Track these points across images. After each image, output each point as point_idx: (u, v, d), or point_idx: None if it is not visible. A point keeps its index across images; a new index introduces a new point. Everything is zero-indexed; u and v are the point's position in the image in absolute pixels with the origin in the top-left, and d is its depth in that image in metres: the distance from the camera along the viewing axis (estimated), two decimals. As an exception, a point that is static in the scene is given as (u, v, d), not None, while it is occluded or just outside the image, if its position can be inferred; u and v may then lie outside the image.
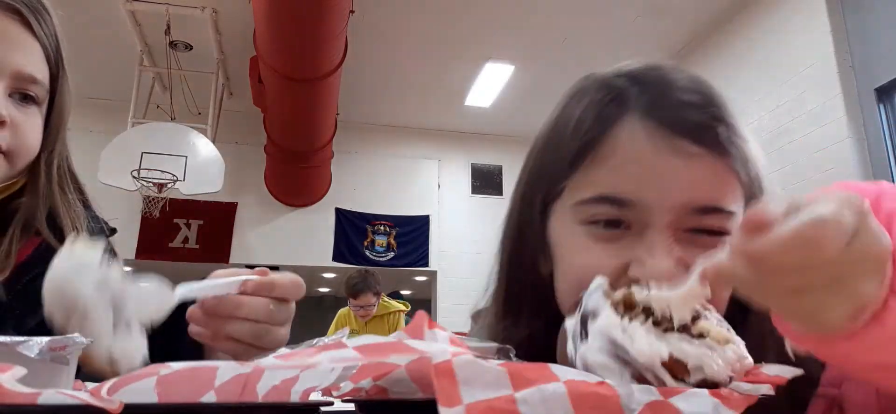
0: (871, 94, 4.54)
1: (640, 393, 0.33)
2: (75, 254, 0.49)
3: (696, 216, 0.52)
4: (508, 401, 0.31)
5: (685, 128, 0.53)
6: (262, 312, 0.59)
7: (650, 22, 5.90)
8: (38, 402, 0.28)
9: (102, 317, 0.49)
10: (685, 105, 0.54)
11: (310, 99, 5.73)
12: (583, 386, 0.33)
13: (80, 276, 0.48)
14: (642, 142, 0.54)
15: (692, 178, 0.52)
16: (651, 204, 0.52)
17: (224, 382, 0.35)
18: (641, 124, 0.54)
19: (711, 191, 0.53)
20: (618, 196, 0.53)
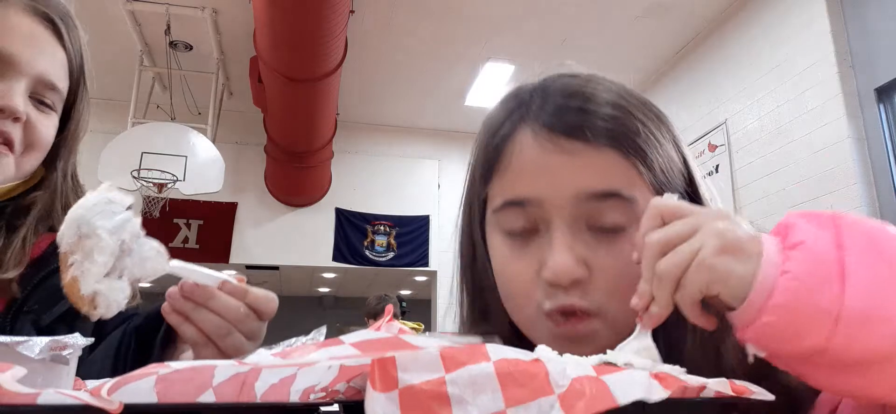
0: (871, 94, 4.54)
1: (573, 368, 0.33)
2: (105, 194, 0.56)
3: (593, 204, 0.55)
4: (439, 383, 0.32)
5: (566, 127, 0.57)
6: (232, 312, 0.61)
7: (650, 22, 5.90)
8: (38, 402, 0.28)
9: (105, 257, 0.53)
10: (567, 108, 0.59)
11: (310, 99, 5.73)
12: (513, 364, 0.33)
13: (102, 214, 0.54)
14: (531, 145, 0.58)
15: (579, 169, 0.56)
16: (545, 200, 0.56)
17: (222, 381, 0.35)
18: (531, 130, 0.59)
19: (602, 178, 0.56)
20: (517, 198, 0.58)
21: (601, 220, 0.56)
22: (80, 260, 0.53)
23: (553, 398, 0.32)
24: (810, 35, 4.86)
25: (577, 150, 0.56)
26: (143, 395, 0.33)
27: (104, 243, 0.54)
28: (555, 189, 0.56)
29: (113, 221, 0.55)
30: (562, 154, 0.57)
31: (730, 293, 0.41)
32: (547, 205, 0.56)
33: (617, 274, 0.55)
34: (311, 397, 0.39)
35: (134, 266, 0.56)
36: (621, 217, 0.55)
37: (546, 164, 0.57)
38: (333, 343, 0.36)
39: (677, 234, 0.44)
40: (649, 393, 0.32)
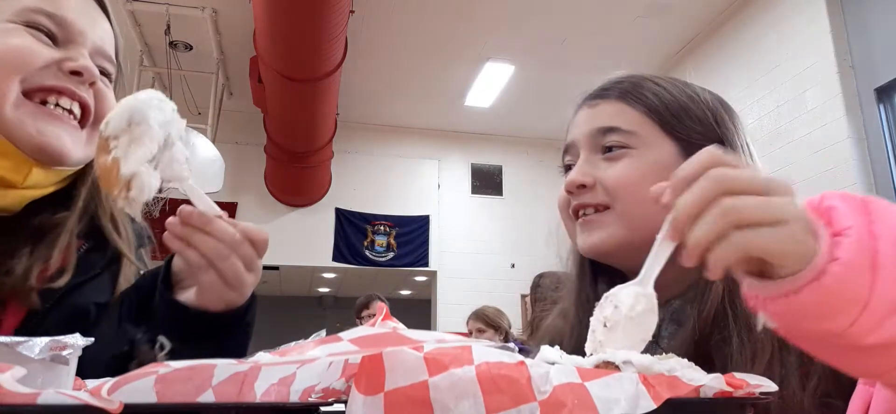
0: (871, 94, 4.54)
1: (557, 374, 0.33)
2: (156, 93, 0.59)
3: (600, 136, 0.79)
4: (422, 386, 0.32)
5: (597, 93, 0.84)
6: (228, 235, 0.63)
7: (650, 22, 5.90)
8: (38, 402, 0.28)
9: (153, 145, 0.57)
10: (602, 87, 0.84)
11: (310, 99, 5.73)
12: (495, 368, 0.33)
13: (154, 107, 0.58)
14: (579, 112, 0.85)
15: (595, 115, 0.81)
16: (577, 140, 0.82)
17: (222, 381, 0.35)
18: (580, 106, 0.86)
19: (608, 119, 0.79)
20: (566, 144, 0.85)
21: (604, 144, 0.78)
22: (126, 143, 0.56)
23: (534, 405, 0.31)
24: (810, 35, 4.86)
25: (597, 104, 0.82)
26: (143, 394, 0.33)
27: (154, 132, 0.57)
28: (580, 131, 0.82)
29: (164, 115, 0.58)
30: (589, 109, 0.83)
31: (788, 264, 0.41)
32: (577, 143, 0.82)
33: (612, 179, 0.76)
34: (312, 397, 0.39)
35: (166, 164, 0.59)
36: (619, 143, 0.77)
37: (580, 118, 0.84)
38: (333, 340, 0.35)
39: (748, 183, 0.43)
40: (635, 404, 0.32)
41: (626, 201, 0.75)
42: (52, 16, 0.70)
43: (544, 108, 7.59)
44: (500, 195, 8.55)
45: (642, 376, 0.33)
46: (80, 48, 0.72)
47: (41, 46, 0.69)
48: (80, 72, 0.70)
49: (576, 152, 0.82)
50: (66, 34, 0.71)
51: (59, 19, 0.71)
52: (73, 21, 0.72)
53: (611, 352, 0.41)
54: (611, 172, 0.77)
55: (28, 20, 0.69)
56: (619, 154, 0.77)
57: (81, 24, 0.73)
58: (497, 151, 8.58)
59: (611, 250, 0.77)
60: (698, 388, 0.34)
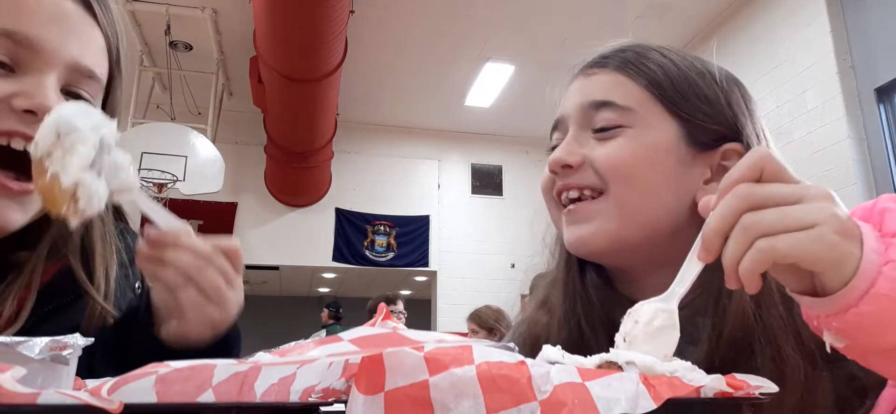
0: (871, 94, 4.54)
1: (557, 374, 0.33)
2: (81, 104, 0.56)
3: (591, 111, 0.70)
4: (422, 386, 0.32)
5: (594, 61, 0.74)
6: (201, 247, 0.60)
7: (650, 22, 5.90)
8: (38, 402, 0.28)
9: (88, 148, 0.52)
10: (602, 54, 0.75)
11: (310, 99, 5.73)
12: (495, 368, 0.33)
13: (80, 114, 0.53)
14: (572, 84, 0.76)
15: (588, 87, 0.72)
16: (566, 114, 0.73)
17: (222, 380, 0.35)
18: (574, 77, 0.76)
19: (603, 92, 0.70)
20: (555, 120, 0.76)
21: (597, 122, 0.69)
22: (60, 156, 0.51)
23: (534, 405, 0.31)
24: (810, 35, 4.86)
25: (594, 74, 0.72)
26: (143, 394, 0.33)
27: (85, 135, 0.52)
28: (570, 105, 0.72)
29: (91, 119, 0.54)
30: (582, 78, 0.73)
31: (837, 276, 0.40)
32: (567, 118, 0.72)
33: (604, 160, 0.67)
34: (312, 397, 0.39)
35: (110, 172, 0.54)
36: (613, 120, 0.68)
37: (570, 90, 0.74)
38: (333, 340, 0.35)
39: (781, 196, 0.42)
40: (635, 404, 0.31)
41: (622, 187, 0.65)
42: (12, 35, 0.58)
43: (544, 108, 7.55)
44: (500, 195, 8.55)
45: (643, 376, 0.33)
46: (44, 74, 0.60)
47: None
48: (34, 111, 0.58)
49: (565, 128, 0.72)
50: (29, 56, 0.59)
51: (21, 37, 0.58)
52: (37, 38, 0.59)
53: (613, 352, 0.41)
54: (602, 152, 0.67)
55: None
56: (613, 133, 0.67)
57: (51, 39, 0.60)
58: (497, 151, 8.58)
59: (602, 249, 0.68)
60: (699, 388, 0.34)
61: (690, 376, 0.35)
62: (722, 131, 0.68)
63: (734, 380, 0.35)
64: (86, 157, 0.52)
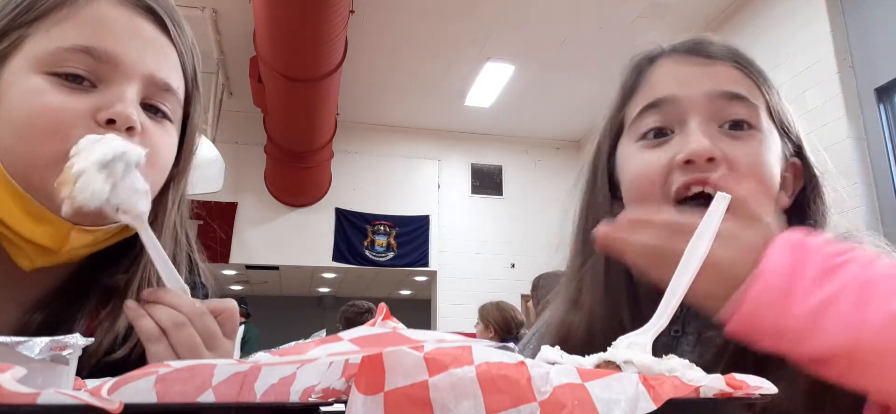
0: (871, 94, 4.54)
1: (557, 375, 0.33)
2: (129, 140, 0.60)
3: (723, 102, 0.64)
4: (422, 386, 0.32)
5: (698, 48, 0.68)
6: (187, 304, 0.58)
7: (650, 22, 5.89)
8: (38, 402, 0.28)
9: (107, 150, 0.56)
10: (704, 41, 0.70)
11: (310, 99, 5.73)
12: (495, 368, 0.33)
13: (119, 138, 0.58)
14: (668, 62, 0.69)
15: (711, 75, 0.66)
16: (681, 98, 0.65)
17: (222, 380, 0.35)
18: (670, 57, 0.70)
19: (731, 83, 0.65)
20: (655, 99, 0.67)
21: (731, 115, 0.64)
22: (85, 153, 0.55)
23: (534, 406, 0.31)
24: (810, 35, 4.86)
25: (707, 63, 0.67)
26: (143, 394, 0.33)
27: (109, 139, 0.56)
28: (690, 89, 0.65)
29: (125, 142, 0.58)
30: (695, 65, 0.67)
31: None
32: (682, 103, 0.65)
33: (746, 162, 0.62)
34: (312, 397, 0.39)
35: (123, 186, 0.56)
36: (747, 117, 0.64)
37: (681, 72, 0.68)
38: (333, 340, 0.35)
39: None
40: (635, 405, 0.31)
41: (747, 189, 0.58)
42: (92, 50, 0.60)
43: (544, 108, 7.60)
44: (500, 195, 8.56)
45: (642, 377, 0.33)
46: (123, 86, 0.61)
47: (73, 99, 0.59)
48: (115, 120, 0.60)
49: (675, 114, 0.65)
50: (108, 70, 0.61)
51: (100, 53, 0.60)
52: (116, 52, 0.61)
53: (611, 352, 0.41)
54: (742, 153, 0.62)
55: (61, 67, 0.59)
56: (748, 133, 0.63)
57: (128, 53, 0.62)
58: (497, 151, 8.59)
59: None
60: (698, 388, 0.34)
61: (690, 376, 0.35)
62: (793, 146, 0.71)
63: (733, 380, 0.35)
64: (102, 156, 0.55)
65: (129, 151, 0.57)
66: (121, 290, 0.66)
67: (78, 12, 0.61)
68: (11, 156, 0.59)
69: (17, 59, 0.60)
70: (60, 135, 0.58)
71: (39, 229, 0.59)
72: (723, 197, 0.54)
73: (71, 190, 0.54)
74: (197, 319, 0.58)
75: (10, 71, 0.60)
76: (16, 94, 0.59)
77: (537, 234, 8.08)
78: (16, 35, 0.61)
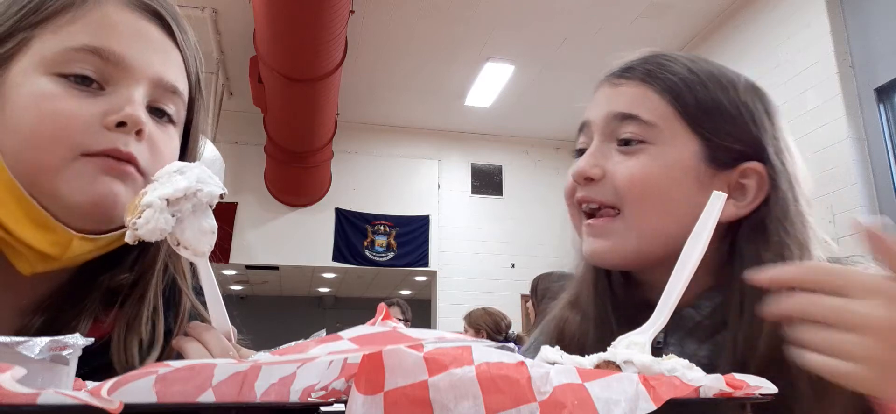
0: (871, 94, 4.54)
1: (557, 375, 0.33)
2: (216, 159, 0.59)
3: (616, 123, 0.70)
4: (422, 386, 0.32)
5: (620, 71, 0.74)
6: (215, 351, 0.59)
7: (650, 22, 5.90)
8: (38, 402, 0.28)
9: (180, 187, 0.57)
10: (633, 63, 0.75)
11: (310, 99, 5.73)
12: (495, 368, 0.33)
13: (204, 171, 0.59)
14: (599, 89, 0.76)
15: (614, 97, 0.72)
16: (591, 121, 0.74)
17: (222, 380, 0.35)
18: (602, 82, 0.77)
19: (628, 104, 0.70)
20: (581, 123, 0.76)
21: (620, 134, 0.69)
22: (162, 178, 0.57)
23: (534, 406, 0.31)
24: (810, 35, 4.86)
25: (620, 84, 0.73)
26: (143, 394, 0.33)
27: (184, 178, 0.57)
28: (597, 112, 0.73)
29: (205, 177, 0.59)
30: (609, 87, 0.74)
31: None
32: (592, 125, 0.73)
33: (625, 177, 0.67)
34: (312, 396, 0.39)
35: (189, 224, 0.57)
36: (637, 134, 0.68)
37: (597, 96, 0.75)
38: (332, 339, 0.35)
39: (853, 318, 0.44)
40: (635, 405, 0.31)
41: (637, 207, 0.66)
42: (100, 51, 0.60)
43: (544, 108, 7.59)
44: (500, 195, 8.55)
45: (642, 377, 0.33)
46: (131, 88, 0.61)
47: (81, 102, 0.59)
48: (125, 122, 0.60)
49: (590, 134, 0.73)
50: (117, 72, 0.61)
51: (108, 54, 0.60)
52: (124, 54, 0.61)
53: (611, 351, 0.41)
54: (623, 169, 0.67)
55: (69, 68, 0.59)
56: (635, 149, 0.68)
57: (135, 55, 0.62)
58: (497, 151, 8.58)
59: (617, 263, 0.70)
60: (698, 388, 0.34)
61: (690, 375, 0.36)
62: (742, 149, 0.69)
63: (733, 380, 0.35)
64: (170, 190, 0.56)
65: (203, 190, 0.57)
66: (126, 290, 0.66)
67: (85, 14, 0.61)
68: (18, 160, 0.58)
69: (23, 60, 0.60)
70: (69, 140, 0.58)
71: (42, 236, 0.58)
72: (719, 196, 0.53)
73: (134, 220, 0.55)
74: None
75: (17, 72, 0.60)
76: (24, 97, 0.58)
77: (537, 234, 8.08)
78: (22, 36, 0.60)
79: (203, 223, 0.58)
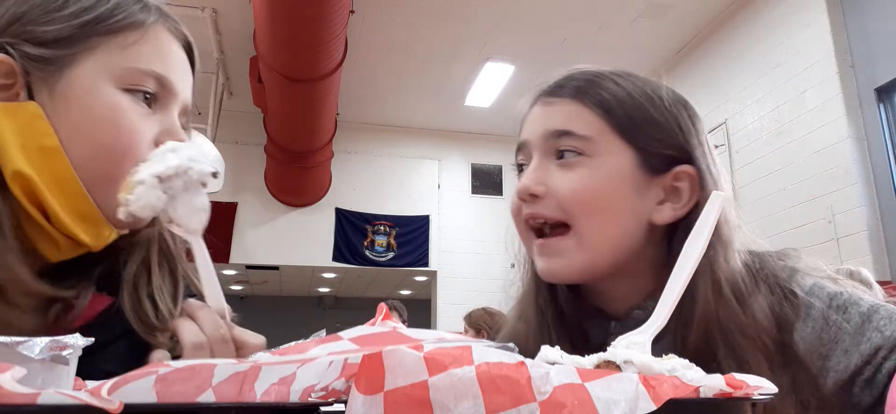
0: (871, 94, 4.54)
1: (557, 375, 0.33)
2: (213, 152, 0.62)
3: (554, 139, 0.73)
4: (422, 387, 0.32)
5: (552, 89, 0.77)
6: (209, 328, 0.59)
7: (649, 22, 5.90)
8: (38, 402, 0.28)
9: (171, 164, 0.59)
10: (562, 78, 0.78)
11: (310, 99, 5.73)
12: (495, 368, 0.33)
13: (196, 150, 0.62)
14: (532, 110, 0.78)
15: (550, 116, 0.74)
16: (529, 140, 0.76)
17: (222, 380, 0.35)
18: (535, 103, 0.79)
19: (563, 121, 0.73)
20: (518, 143, 0.78)
21: (559, 148, 0.72)
22: (155, 157, 0.59)
23: (534, 406, 0.31)
24: (810, 35, 4.86)
25: (553, 103, 0.75)
26: (143, 394, 0.33)
27: (181, 151, 0.60)
28: (532, 131, 0.76)
29: (197, 151, 0.62)
30: (543, 106, 0.76)
31: None
32: (529, 144, 0.76)
33: (567, 190, 0.70)
34: (312, 396, 0.39)
35: (182, 202, 0.59)
36: (575, 148, 0.71)
37: (531, 116, 0.77)
38: (332, 339, 0.35)
39: None
40: (635, 405, 0.31)
41: (586, 220, 0.69)
42: (160, 78, 0.66)
43: (544, 108, 7.58)
44: (501, 195, 8.55)
45: (642, 377, 0.33)
46: (173, 111, 0.68)
47: (145, 121, 0.65)
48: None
49: (528, 153, 0.76)
50: (165, 95, 0.67)
51: (165, 80, 0.67)
52: (174, 82, 0.68)
53: (611, 351, 0.41)
54: (565, 183, 0.70)
55: (137, 87, 0.65)
56: (573, 161, 0.71)
57: (179, 83, 0.69)
58: (497, 151, 8.58)
59: (571, 278, 0.72)
60: (698, 388, 0.34)
61: (689, 375, 0.35)
62: (673, 155, 0.72)
63: (733, 380, 0.35)
64: (160, 169, 0.58)
65: (194, 168, 0.60)
66: (125, 263, 0.69)
67: (149, 38, 0.67)
68: (85, 162, 0.61)
69: (89, 66, 0.63)
70: (136, 156, 0.62)
71: (88, 229, 0.62)
72: (717, 195, 0.54)
73: (127, 197, 0.57)
74: (216, 346, 0.59)
75: (84, 76, 0.63)
76: (101, 107, 0.62)
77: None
78: (87, 43, 0.63)
79: (195, 201, 0.60)
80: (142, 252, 0.71)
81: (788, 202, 4.87)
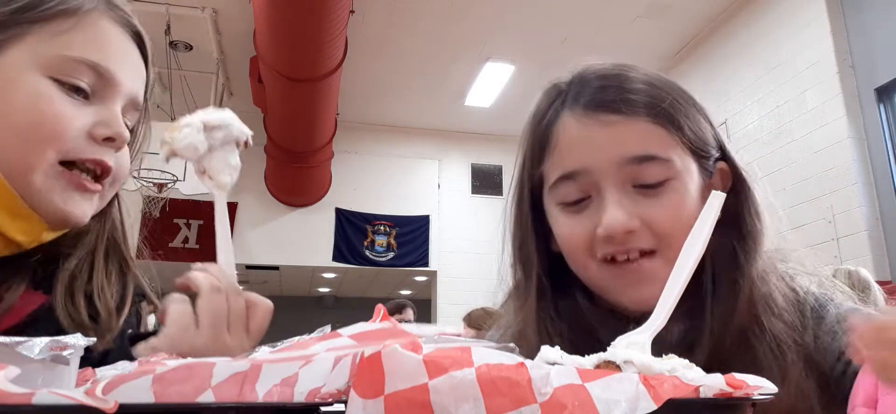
0: (871, 94, 4.54)
1: (557, 376, 0.33)
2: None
3: (634, 167, 0.64)
4: (422, 390, 0.32)
5: (603, 104, 0.67)
6: (227, 279, 0.63)
7: (650, 22, 5.90)
8: (32, 402, 0.28)
9: (214, 116, 0.66)
10: (603, 88, 0.68)
11: (310, 99, 5.73)
12: (495, 370, 0.33)
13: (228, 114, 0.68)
14: (574, 124, 0.68)
15: (618, 138, 0.65)
16: (592, 168, 0.65)
17: (221, 380, 0.35)
18: (571, 112, 0.69)
19: (639, 144, 0.65)
20: (567, 171, 0.67)
21: (644, 179, 0.65)
22: (199, 112, 0.65)
23: (535, 407, 0.31)
24: (810, 35, 4.86)
25: (613, 122, 0.66)
26: (140, 394, 0.33)
27: (214, 110, 0.66)
28: (599, 158, 0.65)
29: (235, 121, 0.67)
30: (601, 127, 0.66)
31: None
32: (594, 173, 0.66)
33: (665, 220, 0.64)
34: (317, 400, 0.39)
35: (218, 154, 0.65)
36: (661, 175, 0.64)
37: (589, 137, 0.67)
38: (332, 336, 0.35)
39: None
40: (635, 405, 0.31)
41: (675, 243, 0.61)
42: (96, 67, 0.63)
43: (544, 109, 7.59)
44: (501, 195, 8.55)
45: (642, 377, 0.33)
46: (115, 103, 0.64)
47: (75, 110, 0.61)
48: (114, 138, 0.63)
49: (588, 183, 0.66)
50: (104, 86, 0.64)
51: (102, 70, 0.63)
52: (114, 71, 0.64)
53: (611, 352, 0.41)
54: (662, 214, 0.64)
55: (68, 77, 0.61)
56: (663, 188, 0.65)
57: (122, 74, 0.65)
58: (497, 151, 8.58)
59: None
60: (698, 388, 0.34)
61: (690, 375, 0.35)
62: (715, 154, 0.71)
63: (733, 379, 0.35)
64: (206, 116, 0.65)
65: (234, 126, 0.65)
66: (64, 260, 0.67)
67: (84, 26, 0.63)
68: (7, 154, 0.58)
69: (15, 53, 0.61)
70: (60, 145, 0.60)
71: (17, 225, 0.60)
72: (717, 195, 0.53)
73: (173, 136, 0.61)
74: (231, 296, 0.62)
75: (10, 64, 0.60)
76: (23, 94, 0.59)
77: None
78: (16, 30, 0.61)
79: (229, 158, 0.65)
80: (85, 249, 0.69)
81: (788, 202, 4.87)
